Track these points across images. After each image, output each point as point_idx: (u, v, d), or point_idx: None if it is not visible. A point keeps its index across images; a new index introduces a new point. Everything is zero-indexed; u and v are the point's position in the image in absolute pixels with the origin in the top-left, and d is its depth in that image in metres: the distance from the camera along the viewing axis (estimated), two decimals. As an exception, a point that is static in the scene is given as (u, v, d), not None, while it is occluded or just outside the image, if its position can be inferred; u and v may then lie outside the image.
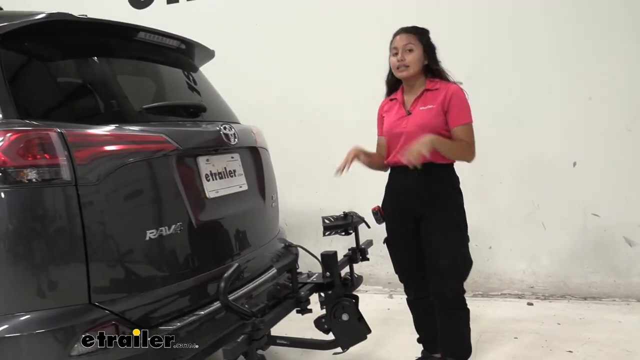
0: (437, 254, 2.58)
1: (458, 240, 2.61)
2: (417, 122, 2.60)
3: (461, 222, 2.65)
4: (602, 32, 3.95)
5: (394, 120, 2.69)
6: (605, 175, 4.01)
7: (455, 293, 2.63)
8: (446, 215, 2.60)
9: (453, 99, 2.58)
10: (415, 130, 2.57)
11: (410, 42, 2.61)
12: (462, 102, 2.60)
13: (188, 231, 2.23)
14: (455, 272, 2.60)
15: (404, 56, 2.61)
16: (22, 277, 1.82)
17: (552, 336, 3.35)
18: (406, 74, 2.62)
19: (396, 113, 2.71)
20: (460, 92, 2.62)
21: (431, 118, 2.58)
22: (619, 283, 4.02)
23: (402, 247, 2.75)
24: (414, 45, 2.61)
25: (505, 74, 4.17)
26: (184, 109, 2.58)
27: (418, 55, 2.61)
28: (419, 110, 2.63)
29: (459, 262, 2.60)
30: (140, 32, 2.48)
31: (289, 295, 2.37)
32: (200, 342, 2.05)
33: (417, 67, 2.62)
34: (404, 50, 2.61)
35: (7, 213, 1.79)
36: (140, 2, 5.20)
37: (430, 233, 2.61)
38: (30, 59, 2.16)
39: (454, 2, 4.27)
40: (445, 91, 2.60)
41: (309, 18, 4.65)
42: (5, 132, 1.82)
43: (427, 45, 2.65)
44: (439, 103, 2.59)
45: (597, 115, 3.99)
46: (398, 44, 2.63)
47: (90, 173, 1.91)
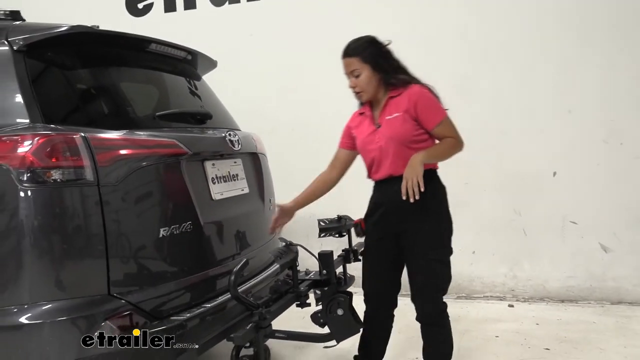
0: (417, 273, 2.52)
1: (438, 258, 2.50)
2: (387, 134, 2.48)
3: (443, 236, 2.54)
4: (582, 47, 4.16)
5: (366, 137, 2.57)
6: (584, 184, 4.20)
7: (436, 310, 2.55)
8: (428, 231, 2.47)
9: (418, 102, 2.44)
10: (386, 143, 2.47)
11: (354, 67, 2.47)
12: (429, 101, 2.47)
13: (196, 230, 2.40)
14: (432, 290, 2.52)
15: (354, 82, 2.50)
16: (45, 269, 1.96)
17: (531, 335, 3.54)
18: (365, 98, 2.54)
19: (367, 128, 2.58)
20: (422, 92, 2.47)
21: (399, 126, 2.45)
22: (594, 287, 4.22)
23: (378, 263, 2.65)
24: (358, 68, 2.46)
25: (490, 87, 4.36)
26: (192, 116, 2.75)
27: (367, 76, 2.47)
28: (386, 121, 2.49)
29: (438, 281, 2.52)
30: (152, 43, 2.65)
31: (290, 290, 2.55)
32: (208, 331, 2.20)
33: (372, 88, 2.49)
34: (352, 75, 2.49)
35: (34, 210, 1.94)
36: (139, 10, 5.31)
37: (410, 251, 2.52)
38: (53, 67, 2.33)
39: (441, 17, 4.46)
40: (408, 95, 2.46)
41: (304, 27, 4.79)
42: (34, 136, 1.98)
43: (373, 61, 2.48)
44: (403, 110, 2.45)
45: (576, 128, 4.19)
46: (345, 70, 2.52)
47: (110, 174, 2.08)
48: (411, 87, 2.48)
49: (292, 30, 4.84)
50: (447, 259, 2.54)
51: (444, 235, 2.54)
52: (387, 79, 2.50)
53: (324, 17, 4.76)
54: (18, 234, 1.94)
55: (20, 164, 1.92)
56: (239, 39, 4.98)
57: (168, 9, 5.23)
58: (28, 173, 1.92)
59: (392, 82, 2.50)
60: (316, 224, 2.74)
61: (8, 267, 1.95)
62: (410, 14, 4.53)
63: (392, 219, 2.53)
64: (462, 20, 4.43)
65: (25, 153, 1.93)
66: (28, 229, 1.93)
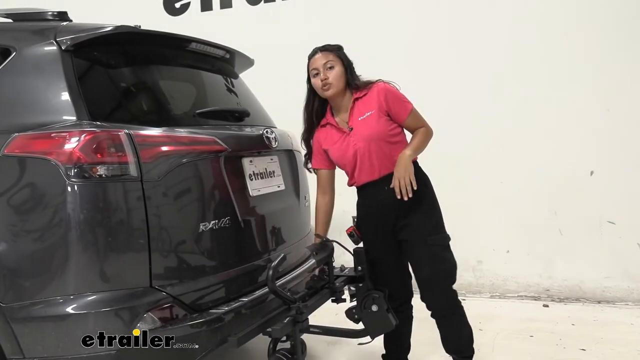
0: (421, 265, 2.57)
1: (438, 245, 2.56)
2: (364, 134, 2.54)
3: (437, 222, 2.61)
4: (620, 45, 4.11)
5: (340, 145, 2.61)
6: (622, 184, 4.15)
7: (446, 299, 2.60)
8: (422, 220, 2.55)
9: (387, 96, 2.54)
10: (365, 143, 2.54)
11: (330, 59, 2.58)
12: (395, 94, 2.57)
13: (234, 225, 2.44)
14: (441, 279, 2.57)
15: (327, 74, 2.56)
16: (90, 262, 2.03)
17: (566, 335, 3.51)
18: (333, 91, 2.57)
19: (337, 137, 2.63)
20: (388, 87, 2.58)
21: (374, 124, 2.54)
22: (632, 288, 4.16)
23: (385, 261, 2.67)
24: (333, 62, 2.58)
25: (526, 85, 4.34)
26: (230, 114, 2.80)
27: (340, 71, 2.58)
28: (359, 122, 2.57)
29: (443, 268, 2.57)
30: (192, 42, 2.71)
31: (326, 285, 2.58)
32: (246, 324, 2.25)
33: (342, 83, 2.58)
34: (325, 68, 2.57)
35: (80, 204, 2.01)
36: (176, 9, 5.43)
37: (410, 244, 2.58)
38: (98, 66, 2.39)
39: (472, 15, 4.45)
40: (376, 92, 2.56)
41: (339, 25, 4.81)
42: (81, 133, 2.04)
43: (345, 60, 2.63)
44: (375, 107, 2.55)
45: (614, 127, 4.14)
46: (318, 64, 2.59)
47: (153, 170, 2.13)
48: (376, 84, 2.60)
49: (326, 28, 4.86)
50: (447, 243, 2.61)
51: (439, 222, 2.63)
52: (351, 80, 2.61)
53: (359, 14, 4.78)
54: (65, 227, 2.00)
55: (68, 160, 1.99)
56: (274, 37, 5.03)
57: (204, 8, 5.33)
58: (75, 168, 1.99)
59: (355, 83, 2.61)
60: (350, 221, 2.76)
61: (54, 259, 2.02)
62: (438, 13, 4.53)
63: (389, 218, 2.59)
64: (495, 18, 4.41)
65: (72, 149, 2.00)
66: (74, 222, 2.00)
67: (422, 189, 2.55)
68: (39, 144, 2.06)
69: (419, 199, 2.52)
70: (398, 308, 2.71)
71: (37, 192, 2.05)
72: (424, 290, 2.61)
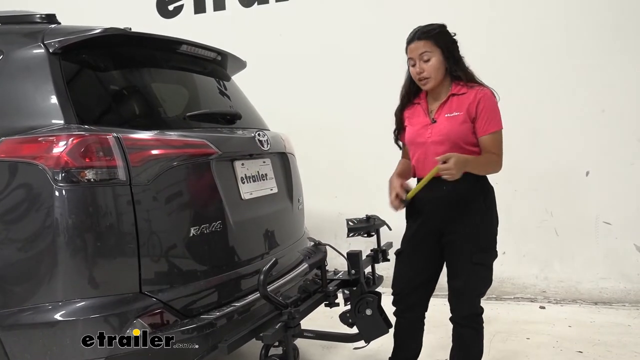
0: (457, 276, 2.47)
1: (483, 262, 2.44)
2: (442, 131, 2.40)
3: (489, 242, 2.49)
4: (616, 45, 4.08)
5: (417, 129, 2.49)
6: (617, 184, 4.13)
7: (472, 313, 2.52)
8: (473, 235, 2.42)
9: (481, 103, 2.37)
10: (440, 140, 2.39)
11: (426, 49, 2.37)
12: (491, 108, 2.39)
13: (225, 229, 2.42)
14: (473, 294, 2.50)
15: (422, 67, 2.39)
16: (79, 267, 2.00)
17: (563, 337, 3.49)
18: (430, 85, 2.42)
19: (421, 120, 2.50)
20: (490, 96, 2.41)
21: (457, 126, 2.38)
22: (629, 289, 4.14)
23: (415, 263, 2.57)
24: (430, 52, 2.37)
25: (521, 85, 4.29)
26: (222, 116, 2.77)
27: (437, 62, 2.39)
28: (444, 118, 2.42)
29: (479, 284, 2.48)
30: (182, 44, 2.68)
31: (319, 289, 2.55)
32: (238, 330, 2.21)
33: (440, 75, 2.41)
34: (421, 60, 2.39)
35: (68, 209, 1.98)
36: (169, 12, 5.40)
37: (453, 253, 2.47)
38: (87, 69, 2.37)
39: (466, 13, 4.41)
40: (474, 95, 2.39)
41: (333, 27, 4.79)
42: (68, 137, 2.02)
43: (445, 47, 2.40)
44: (465, 109, 2.38)
45: (610, 127, 4.12)
46: (413, 54, 2.41)
47: (142, 174, 2.11)
48: (480, 87, 2.42)
49: (320, 31, 4.85)
50: (491, 262, 2.50)
51: (491, 242, 2.50)
52: (453, 70, 2.43)
53: (352, 17, 4.76)
54: (53, 233, 1.98)
55: (55, 164, 1.97)
56: (268, 40, 5.01)
57: (198, 10, 5.30)
58: (63, 173, 1.96)
59: (458, 74, 2.43)
60: (344, 224, 2.73)
61: (43, 265, 1.99)
62: (438, 12, 4.50)
63: (437, 218, 2.47)
64: (493, 17, 4.38)
65: (60, 153, 1.98)
66: (62, 227, 1.97)
67: (480, 205, 2.45)
68: (26, 148, 2.03)
69: (477, 209, 2.44)
70: (405, 314, 2.63)
71: (25, 197, 2.02)
72: (453, 297, 2.53)
